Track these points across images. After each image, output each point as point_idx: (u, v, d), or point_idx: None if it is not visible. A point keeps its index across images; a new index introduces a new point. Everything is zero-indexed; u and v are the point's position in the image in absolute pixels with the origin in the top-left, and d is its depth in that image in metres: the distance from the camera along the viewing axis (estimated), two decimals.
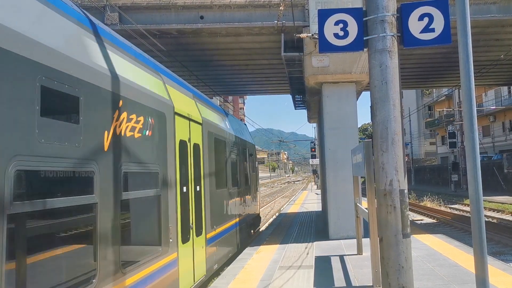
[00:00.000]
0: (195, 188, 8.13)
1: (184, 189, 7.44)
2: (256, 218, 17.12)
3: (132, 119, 5.35)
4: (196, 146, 8.37)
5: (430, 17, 4.87)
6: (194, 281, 7.91)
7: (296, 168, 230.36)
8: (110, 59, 5.27)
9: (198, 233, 8.19)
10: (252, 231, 15.68)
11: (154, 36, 13.93)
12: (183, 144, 7.54)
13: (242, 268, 9.70)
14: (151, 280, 5.86)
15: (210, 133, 9.48)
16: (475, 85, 4.64)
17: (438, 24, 4.86)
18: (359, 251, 10.60)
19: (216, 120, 10.56)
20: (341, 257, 10.46)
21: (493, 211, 24.40)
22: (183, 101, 7.93)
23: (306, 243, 12.64)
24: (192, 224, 7.77)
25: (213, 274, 10.22)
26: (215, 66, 19.54)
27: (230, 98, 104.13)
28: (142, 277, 5.57)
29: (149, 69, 6.61)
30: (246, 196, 14.18)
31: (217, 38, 15.42)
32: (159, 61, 8.81)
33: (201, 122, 8.78)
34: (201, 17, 14.23)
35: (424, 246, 11.25)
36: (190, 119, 8.02)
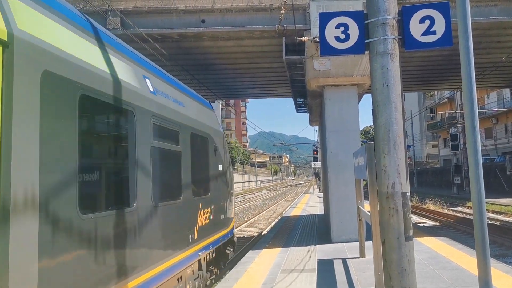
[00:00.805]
0: None
1: None
2: (224, 248, 10.86)
3: None
4: None
5: (431, 20, 4.87)
6: None
7: (298, 171, 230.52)
8: None
9: None
10: (215, 269, 10.12)
11: (156, 41, 13.97)
12: None
13: (245, 272, 9.68)
14: None
15: (57, 79, 4.16)
16: (476, 87, 4.64)
17: (439, 27, 4.86)
18: (362, 254, 10.58)
19: (95, 59, 5.00)
20: (344, 260, 10.44)
21: (496, 213, 24.33)
22: None
23: (309, 246, 12.62)
24: None
25: (216, 277, 10.21)
26: (216, 70, 19.57)
27: (232, 101, 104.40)
28: None
29: None
30: (202, 214, 8.67)
31: (218, 42, 15.45)
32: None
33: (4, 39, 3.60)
34: (203, 21, 14.27)
35: (427, 249, 11.22)
36: None
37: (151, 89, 6.64)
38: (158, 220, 6.36)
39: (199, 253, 8.26)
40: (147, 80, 6.65)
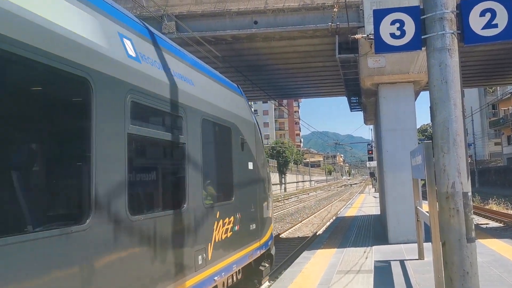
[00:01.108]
0: None
1: None
2: (257, 264, 9.01)
3: None
4: None
5: (493, 13, 4.68)
6: None
7: (352, 171, 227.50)
8: None
9: None
10: None
11: (209, 43, 14.22)
12: None
13: (300, 272, 9.66)
14: None
15: None
16: None
17: (502, 19, 4.66)
18: (420, 255, 10.30)
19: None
20: (402, 262, 10.20)
21: None
22: None
23: (365, 247, 12.42)
24: None
25: (270, 277, 10.26)
26: (269, 70, 19.66)
27: (285, 101, 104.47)
28: None
29: None
30: (221, 225, 6.70)
31: (271, 43, 15.53)
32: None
33: None
34: (255, 22, 14.38)
35: (490, 251, 10.76)
36: None
37: (132, 54, 4.70)
38: (138, 240, 4.43)
39: (215, 278, 6.33)
40: (126, 41, 4.70)
